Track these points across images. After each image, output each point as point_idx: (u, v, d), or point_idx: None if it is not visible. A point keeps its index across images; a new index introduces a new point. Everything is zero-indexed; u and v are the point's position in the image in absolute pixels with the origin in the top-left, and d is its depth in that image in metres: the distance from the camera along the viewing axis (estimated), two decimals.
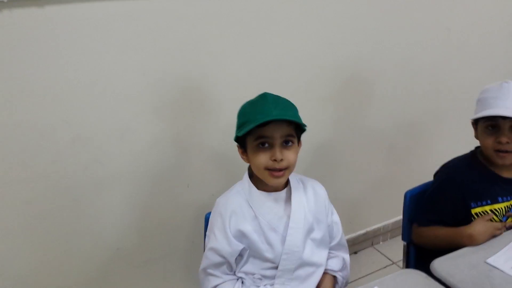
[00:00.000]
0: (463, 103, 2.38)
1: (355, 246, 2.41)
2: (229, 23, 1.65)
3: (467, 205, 1.46)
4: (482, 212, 1.45)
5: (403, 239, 1.64)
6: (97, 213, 1.65)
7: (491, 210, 1.45)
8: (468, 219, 1.45)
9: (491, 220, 1.42)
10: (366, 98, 2.12)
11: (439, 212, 1.49)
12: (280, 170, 1.22)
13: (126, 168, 1.64)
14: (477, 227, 1.38)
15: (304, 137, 1.30)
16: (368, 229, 2.44)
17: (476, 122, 1.47)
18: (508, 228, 1.41)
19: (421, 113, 2.32)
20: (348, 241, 1.54)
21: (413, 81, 2.21)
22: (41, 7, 1.35)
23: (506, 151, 1.40)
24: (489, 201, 1.45)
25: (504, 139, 1.38)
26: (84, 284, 1.71)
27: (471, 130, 1.52)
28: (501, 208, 1.45)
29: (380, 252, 2.44)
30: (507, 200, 1.46)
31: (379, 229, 2.46)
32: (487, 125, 1.41)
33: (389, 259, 2.37)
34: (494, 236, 1.37)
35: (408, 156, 2.38)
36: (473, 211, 1.45)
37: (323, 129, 2.04)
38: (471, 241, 1.35)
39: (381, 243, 2.51)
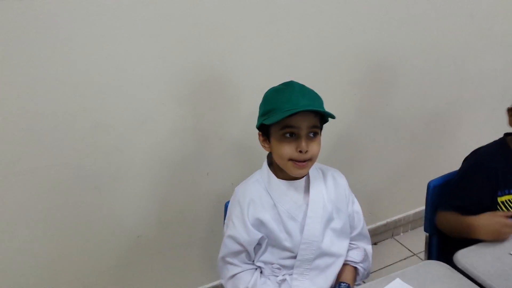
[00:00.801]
0: (486, 92, 2.34)
1: (376, 237, 2.39)
2: (249, 11, 1.63)
3: (494, 192, 1.42)
4: (509, 200, 1.41)
5: (425, 230, 1.61)
6: (117, 201, 1.66)
7: None
8: (493, 207, 1.42)
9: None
10: (388, 87, 2.09)
11: (464, 198, 1.45)
12: (304, 161, 1.20)
13: (146, 156, 1.65)
14: (482, 220, 1.32)
15: (326, 125, 1.28)
16: (389, 220, 2.41)
17: None
18: None
19: (445, 102, 2.28)
20: (368, 231, 1.52)
21: (436, 69, 2.16)
22: None
23: None
24: None
25: None
26: (105, 271, 1.74)
27: (495, 119, 1.48)
28: None
29: (401, 243, 2.41)
30: None
31: (399, 220, 2.43)
32: None
33: (410, 250, 2.34)
34: (502, 233, 1.29)
35: (430, 146, 2.34)
36: (500, 199, 1.42)
37: (345, 118, 2.02)
38: (474, 233, 1.31)
39: (401, 234, 2.48)
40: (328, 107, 1.22)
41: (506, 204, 1.41)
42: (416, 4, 1.97)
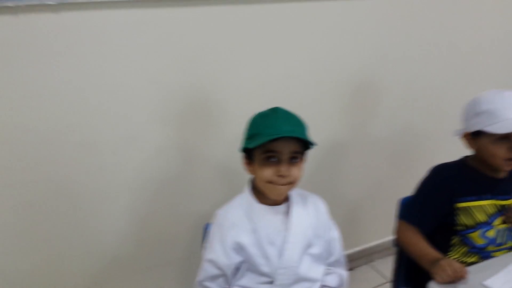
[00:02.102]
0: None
1: (351, 262, 2.40)
2: (239, 36, 1.67)
3: (452, 198, 1.48)
4: (467, 207, 1.47)
5: (394, 245, 1.66)
6: (97, 219, 1.66)
7: (475, 207, 1.47)
8: (451, 213, 1.48)
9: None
10: (372, 113, 2.14)
11: (423, 206, 1.52)
12: (283, 184, 1.24)
13: (130, 175, 1.65)
14: (442, 261, 1.34)
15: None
16: (365, 245, 2.44)
17: (476, 134, 1.46)
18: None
19: (424, 130, 2.33)
20: (344, 256, 1.54)
21: (417, 99, 2.23)
22: (57, 13, 1.38)
23: None
24: (474, 197, 1.47)
25: None
26: None
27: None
28: (486, 206, 1.47)
29: (376, 270, 2.43)
30: (492, 199, 1.48)
31: (376, 246, 2.46)
32: (500, 136, 1.40)
33: (384, 278, 2.36)
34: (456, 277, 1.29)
35: (410, 174, 2.38)
36: (458, 205, 1.48)
37: (328, 139, 2.06)
38: (432, 269, 1.33)
39: (377, 260, 2.50)
40: (313, 129, 1.26)
41: (463, 210, 1.48)
42: (401, 34, 2.04)
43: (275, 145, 1.21)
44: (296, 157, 1.25)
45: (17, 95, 1.40)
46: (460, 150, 1.58)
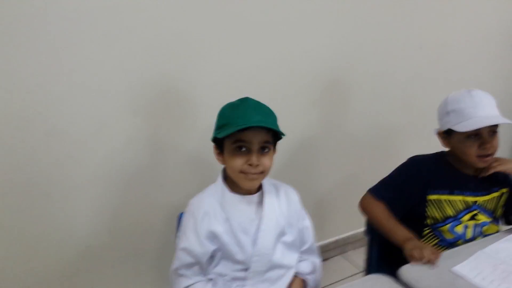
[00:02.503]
0: (432, 119, 2.46)
1: (325, 253, 2.44)
2: (211, 26, 1.66)
3: (425, 189, 1.51)
4: (438, 200, 1.51)
5: (365, 233, 1.69)
6: (68, 209, 1.63)
7: (445, 201, 1.50)
8: (423, 204, 1.52)
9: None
10: (342, 106, 2.17)
11: (395, 189, 1.55)
12: (255, 173, 1.24)
13: (100, 164, 1.63)
14: (417, 241, 1.39)
15: (283, 140, 1.32)
16: (338, 237, 2.47)
17: (448, 132, 1.50)
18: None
19: (393, 125, 2.39)
20: (318, 248, 1.56)
21: (386, 94, 2.27)
22: None
23: (488, 155, 1.45)
24: (446, 191, 1.51)
25: (488, 146, 1.43)
26: (54, 280, 1.69)
27: (438, 143, 1.57)
28: (456, 201, 1.51)
29: (349, 261, 2.47)
30: (463, 195, 1.51)
31: (348, 237, 2.50)
32: (469, 134, 1.44)
33: (358, 268, 2.40)
34: (430, 260, 1.32)
35: (383, 164, 2.42)
36: (429, 197, 1.51)
37: (300, 134, 2.08)
38: (404, 244, 1.38)
39: (350, 251, 2.54)
40: (284, 123, 1.26)
41: (434, 203, 1.51)
42: (370, 32, 2.08)
43: (245, 135, 1.21)
44: (266, 147, 1.25)
45: None
46: (429, 145, 1.62)
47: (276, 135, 1.28)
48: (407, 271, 1.30)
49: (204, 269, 1.30)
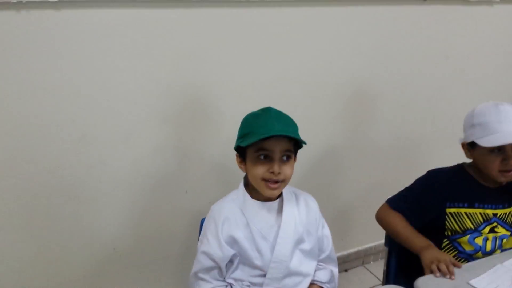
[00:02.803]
0: (457, 130, 2.44)
1: (346, 264, 2.44)
2: (236, 38, 1.71)
3: (444, 203, 1.52)
4: (457, 213, 1.51)
5: (385, 244, 1.70)
6: (96, 212, 1.70)
7: (466, 213, 1.50)
8: (442, 217, 1.52)
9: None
10: (367, 116, 2.18)
11: (413, 202, 1.55)
12: (276, 182, 1.27)
13: (128, 170, 1.70)
14: (435, 249, 1.41)
15: (305, 148, 1.35)
16: (360, 247, 2.47)
17: (472, 144, 1.49)
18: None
19: (419, 135, 2.38)
20: (339, 258, 1.57)
21: (411, 104, 2.27)
22: (58, 10, 1.42)
23: (511, 170, 1.45)
24: (466, 204, 1.51)
25: (511, 162, 1.42)
26: (79, 280, 1.76)
27: (463, 155, 1.57)
28: (476, 214, 1.51)
29: (371, 272, 2.47)
30: (483, 208, 1.51)
31: (371, 248, 2.49)
32: (492, 148, 1.43)
33: (379, 279, 2.40)
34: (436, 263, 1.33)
35: (407, 175, 2.42)
36: (448, 210, 1.51)
37: (324, 143, 2.10)
38: (422, 252, 1.39)
39: (372, 262, 2.54)
40: (308, 132, 1.29)
41: (454, 216, 1.51)
42: (395, 42, 2.09)
43: (267, 144, 1.25)
44: (288, 155, 1.29)
45: (20, 90, 1.45)
46: (454, 155, 1.62)
47: (297, 144, 1.31)
48: (424, 282, 1.30)
49: (223, 274, 1.34)
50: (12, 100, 1.45)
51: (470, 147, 1.52)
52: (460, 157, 1.59)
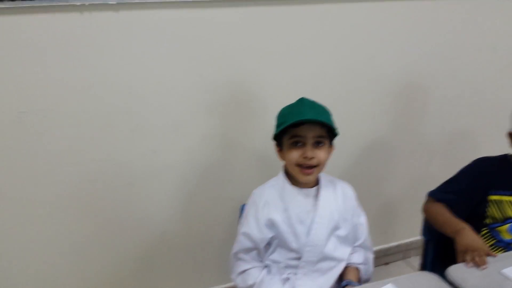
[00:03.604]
0: (505, 120, 2.40)
1: (387, 257, 2.47)
2: (278, 35, 1.78)
3: (486, 190, 1.53)
4: (499, 200, 1.52)
5: (422, 234, 1.73)
6: (147, 198, 1.83)
7: (507, 202, 1.52)
8: (483, 204, 1.53)
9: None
10: (413, 109, 2.20)
11: (457, 191, 1.57)
12: (310, 167, 1.34)
13: (177, 159, 1.81)
14: (470, 233, 1.41)
15: (354, 140, 1.38)
16: (402, 241, 2.49)
17: None
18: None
19: (469, 129, 2.37)
20: (380, 251, 1.58)
21: (458, 98, 2.25)
22: (116, 11, 1.54)
23: None
24: (508, 192, 1.52)
25: None
26: (130, 261, 1.90)
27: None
28: None
29: (410, 267, 2.48)
30: None
31: (412, 243, 2.51)
32: None
33: None
34: (471, 251, 1.35)
35: (452, 170, 2.41)
36: (490, 197, 1.53)
37: (369, 135, 2.14)
38: (457, 235, 1.41)
39: (412, 257, 2.54)
40: (352, 126, 1.30)
41: (496, 203, 1.53)
42: (442, 36, 2.08)
43: (299, 130, 1.32)
44: (321, 141, 1.35)
45: (83, 86, 1.58)
46: (502, 149, 1.63)
47: (333, 132, 1.37)
48: (456, 270, 1.32)
49: (262, 255, 1.42)
50: (75, 94, 1.58)
51: None
52: (507, 150, 1.60)
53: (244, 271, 1.43)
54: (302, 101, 1.38)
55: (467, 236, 1.41)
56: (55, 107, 1.58)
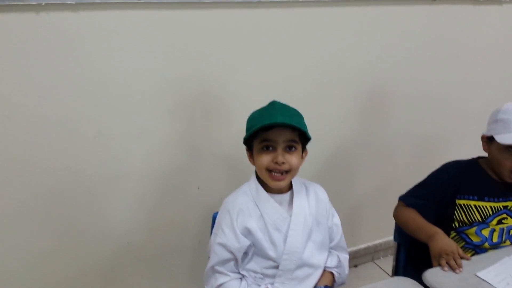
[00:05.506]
0: (469, 128, 2.46)
1: (356, 259, 2.47)
2: (246, 38, 1.75)
3: (454, 193, 1.54)
4: (467, 205, 1.53)
5: (394, 239, 1.72)
6: (110, 207, 1.75)
7: (474, 206, 1.53)
8: (451, 208, 1.55)
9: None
10: (378, 114, 2.21)
11: (426, 196, 1.58)
12: (281, 173, 1.30)
13: (141, 166, 1.74)
14: (443, 237, 1.43)
15: (321, 143, 1.35)
16: (370, 243, 2.50)
17: (490, 139, 1.51)
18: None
19: (432, 133, 2.40)
20: (349, 254, 1.58)
21: (422, 103, 2.28)
22: (75, 12, 1.47)
23: None
24: (475, 197, 1.53)
25: None
26: (94, 273, 1.81)
27: (475, 151, 1.60)
28: (485, 207, 1.53)
29: (380, 267, 2.49)
30: (493, 201, 1.53)
31: (380, 244, 2.52)
32: (508, 147, 1.45)
33: (388, 275, 2.41)
34: (444, 254, 1.36)
35: (418, 173, 2.44)
36: (458, 201, 1.54)
37: (337, 140, 2.13)
38: (430, 240, 1.43)
39: (381, 258, 2.56)
40: (320, 130, 1.29)
41: (463, 207, 1.54)
42: (405, 42, 2.11)
43: (270, 134, 1.28)
44: (293, 146, 1.31)
45: (38, 89, 1.50)
46: (465, 154, 1.65)
47: (305, 136, 1.33)
48: (432, 274, 1.32)
49: (239, 265, 1.36)
50: (30, 99, 1.50)
51: (488, 141, 1.54)
52: (470, 156, 1.61)
53: (222, 284, 1.36)
54: (273, 104, 1.34)
55: (441, 240, 1.42)
56: (9, 113, 1.49)
